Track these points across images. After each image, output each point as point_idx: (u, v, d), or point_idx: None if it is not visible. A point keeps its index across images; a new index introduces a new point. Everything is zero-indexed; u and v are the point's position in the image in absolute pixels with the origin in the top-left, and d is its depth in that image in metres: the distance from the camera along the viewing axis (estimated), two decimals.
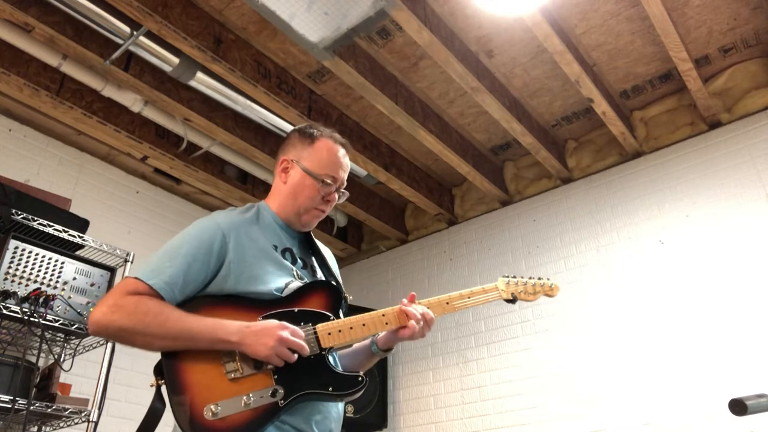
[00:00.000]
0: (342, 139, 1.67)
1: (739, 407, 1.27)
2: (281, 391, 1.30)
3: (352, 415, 3.64)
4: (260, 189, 4.18)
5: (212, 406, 1.25)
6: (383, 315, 1.50)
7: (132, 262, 3.04)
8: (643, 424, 2.99)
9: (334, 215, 4.52)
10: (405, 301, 1.53)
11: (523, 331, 3.64)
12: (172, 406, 1.27)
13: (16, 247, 2.60)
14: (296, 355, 1.33)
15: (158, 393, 1.33)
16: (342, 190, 1.65)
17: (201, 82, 3.16)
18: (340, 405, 1.47)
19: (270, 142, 3.69)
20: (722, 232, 3.11)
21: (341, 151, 1.64)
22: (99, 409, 2.68)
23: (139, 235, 3.91)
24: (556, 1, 2.81)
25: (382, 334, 1.56)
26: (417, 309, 1.50)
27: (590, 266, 3.52)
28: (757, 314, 2.84)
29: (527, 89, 3.47)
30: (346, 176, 1.65)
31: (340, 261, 4.84)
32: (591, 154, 3.82)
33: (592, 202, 3.69)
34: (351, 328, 1.44)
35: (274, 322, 1.34)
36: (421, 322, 1.49)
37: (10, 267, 2.56)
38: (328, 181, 1.58)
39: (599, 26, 3.04)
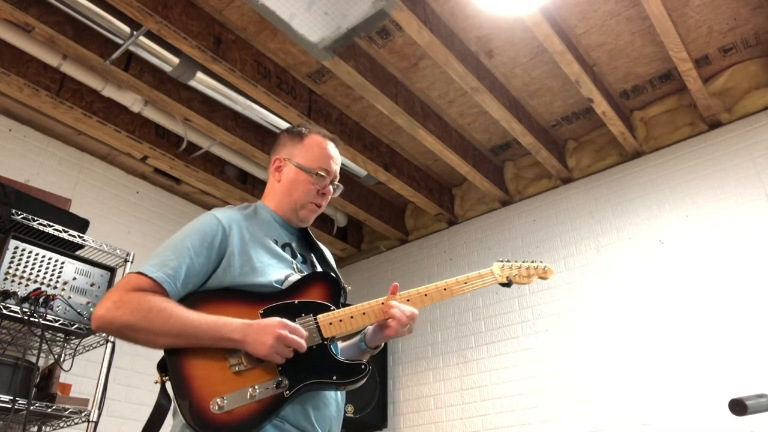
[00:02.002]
0: (330, 135, 1.72)
1: (739, 407, 1.28)
2: (286, 381, 1.31)
3: (352, 415, 3.63)
4: (260, 189, 4.16)
5: (218, 400, 1.25)
6: (383, 303, 1.51)
7: (132, 262, 3.04)
8: (643, 424, 2.99)
9: (334, 215, 4.52)
10: (382, 300, 1.52)
11: (523, 331, 3.64)
12: (177, 402, 1.27)
13: (16, 247, 2.61)
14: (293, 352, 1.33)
15: (163, 390, 1.33)
16: (336, 183, 1.68)
17: (201, 82, 3.16)
18: (341, 403, 1.48)
19: (270, 142, 3.69)
20: (722, 232, 3.11)
21: (331, 145, 1.69)
22: (99, 409, 2.68)
23: (139, 235, 3.91)
24: (556, 1, 2.81)
25: (369, 331, 1.58)
26: (404, 309, 1.49)
27: (590, 266, 3.52)
28: (757, 314, 2.84)
29: (527, 89, 3.47)
30: (338, 169, 1.69)
31: (340, 261, 4.84)
32: (591, 154, 3.82)
33: (592, 202, 3.69)
34: (351, 317, 1.46)
35: (274, 319, 1.34)
36: (407, 325, 1.49)
37: (10, 267, 2.56)
38: (322, 173, 1.62)
39: (599, 26, 3.04)
